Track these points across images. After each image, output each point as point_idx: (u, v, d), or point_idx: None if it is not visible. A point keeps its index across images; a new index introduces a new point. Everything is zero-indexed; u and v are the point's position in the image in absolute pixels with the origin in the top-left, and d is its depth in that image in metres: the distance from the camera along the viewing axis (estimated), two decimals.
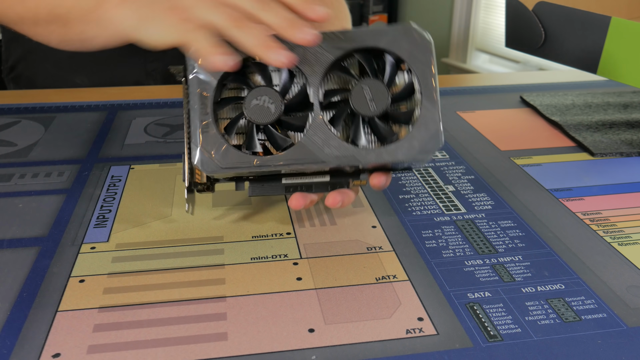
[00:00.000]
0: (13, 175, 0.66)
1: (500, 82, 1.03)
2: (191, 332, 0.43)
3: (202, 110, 0.49)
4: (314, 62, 0.50)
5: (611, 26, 0.69)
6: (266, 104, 0.49)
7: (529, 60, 2.71)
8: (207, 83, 0.49)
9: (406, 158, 0.49)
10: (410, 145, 0.49)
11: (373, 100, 0.49)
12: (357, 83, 0.49)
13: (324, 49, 0.50)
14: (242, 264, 0.51)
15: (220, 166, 0.48)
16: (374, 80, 0.50)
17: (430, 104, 0.49)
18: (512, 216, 0.59)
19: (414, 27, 0.50)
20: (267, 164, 0.49)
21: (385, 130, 0.50)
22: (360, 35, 0.50)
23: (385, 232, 0.56)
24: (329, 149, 0.49)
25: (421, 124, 0.49)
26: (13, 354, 0.41)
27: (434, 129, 0.49)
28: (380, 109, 0.49)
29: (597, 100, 0.90)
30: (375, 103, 0.49)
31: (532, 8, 0.76)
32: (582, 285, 0.49)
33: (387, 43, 0.50)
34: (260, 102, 0.49)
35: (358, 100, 0.49)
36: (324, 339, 0.43)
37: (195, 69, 0.49)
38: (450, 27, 3.02)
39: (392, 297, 0.47)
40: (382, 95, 0.49)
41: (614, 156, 0.73)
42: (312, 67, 0.50)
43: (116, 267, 0.50)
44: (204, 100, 0.49)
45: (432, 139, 0.49)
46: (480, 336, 0.43)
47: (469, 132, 0.80)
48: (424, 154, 0.49)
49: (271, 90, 0.49)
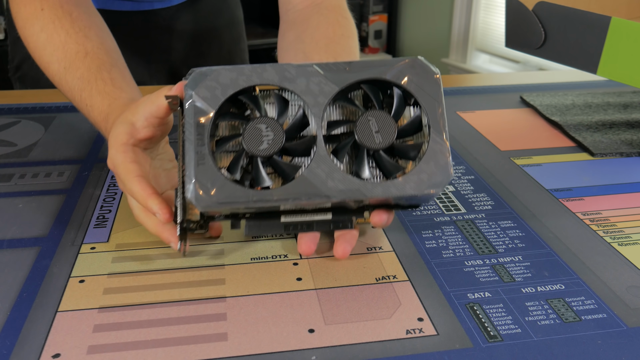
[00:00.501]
0: (13, 175, 0.66)
1: (500, 82, 1.03)
2: (191, 333, 0.43)
3: (198, 141, 0.46)
4: (317, 92, 0.48)
5: (611, 26, 0.69)
6: (266, 134, 0.47)
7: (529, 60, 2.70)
8: (204, 112, 0.47)
9: (415, 192, 0.47)
10: (419, 178, 0.47)
11: (379, 132, 0.47)
12: (363, 114, 0.48)
13: (328, 80, 0.48)
14: (242, 264, 0.51)
15: (216, 201, 0.45)
16: (381, 112, 0.48)
17: (439, 137, 0.48)
18: (512, 216, 0.59)
19: (422, 60, 0.49)
20: (266, 199, 0.46)
21: (391, 164, 0.48)
22: (367, 66, 0.49)
23: (385, 232, 0.56)
24: (332, 183, 0.46)
25: (430, 157, 0.47)
26: (13, 354, 0.41)
27: (443, 162, 0.47)
28: (386, 142, 0.47)
29: (597, 100, 0.90)
30: (382, 135, 0.47)
31: (532, 8, 0.76)
32: (582, 285, 0.49)
33: (394, 75, 0.49)
34: (259, 132, 0.47)
35: (363, 132, 0.47)
36: (324, 340, 0.43)
37: (192, 98, 0.47)
38: (450, 27, 3.02)
39: (392, 298, 0.47)
40: (388, 128, 0.47)
41: (614, 156, 0.73)
42: (316, 98, 0.48)
43: (116, 268, 0.50)
44: (200, 131, 0.46)
45: (442, 173, 0.47)
46: (480, 336, 0.43)
47: (469, 132, 0.80)
48: (433, 187, 0.47)
49: (269, 120, 0.47)
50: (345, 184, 0.47)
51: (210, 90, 0.47)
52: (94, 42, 0.63)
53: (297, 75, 0.48)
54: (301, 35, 0.71)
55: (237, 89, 0.48)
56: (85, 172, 0.67)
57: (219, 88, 0.48)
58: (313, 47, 0.68)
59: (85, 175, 0.66)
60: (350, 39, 0.72)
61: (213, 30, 1.00)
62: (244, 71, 0.48)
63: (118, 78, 0.61)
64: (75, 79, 0.61)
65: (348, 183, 0.47)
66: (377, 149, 0.47)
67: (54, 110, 0.85)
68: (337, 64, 0.49)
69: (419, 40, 3.19)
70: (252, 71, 0.48)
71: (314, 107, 0.48)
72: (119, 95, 0.59)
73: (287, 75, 0.48)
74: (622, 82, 0.71)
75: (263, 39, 2.78)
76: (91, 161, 0.69)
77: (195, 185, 0.45)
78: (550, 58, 0.78)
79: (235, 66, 0.48)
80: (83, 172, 0.67)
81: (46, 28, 0.64)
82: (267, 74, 0.48)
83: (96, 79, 0.60)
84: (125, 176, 0.50)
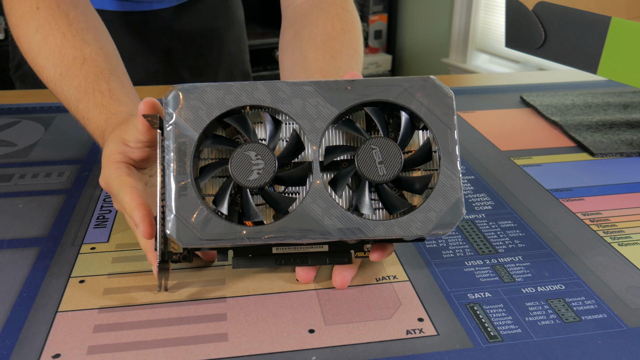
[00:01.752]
0: (13, 175, 0.66)
1: (500, 82, 1.03)
2: (191, 333, 0.43)
3: (179, 168, 0.41)
4: (315, 116, 0.43)
5: (611, 26, 0.69)
6: (256, 162, 0.42)
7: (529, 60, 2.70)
8: (186, 136, 0.42)
9: (421, 232, 0.42)
10: (426, 217, 0.42)
11: (383, 163, 0.42)
12: (366, 142, 0.43)
13: (327, 101, 0.43)
14: None
15: (200, 237, 0.41)
16: (385, 139, 0.43)
17: (450, 169, 0.43)
18: (512, 216, 0.59)
19: (434, 80, 0.44)
20: (257, 236, 0.42)
21: (396, 199, 0.43)
22: (371, 85, 0.44)
23: None
24: (330, 220, 0.42)
25: (439, 194, 0.42)
26: (13, 354, 0.41)
27: (455, 198, 0.42)
28: (391, 174, 0.42)
29: (597, 100, 0.90)
30: (386, 167, 0.42)
31: (532, 8, 0.76)
32: (582, 285, 0.49)
33: (402, 96, 0.43)
34: (249, 160, 0.42)
35: (365, 162, 0.42)
36: (324, 340, 0.43)
37: (173, 119, 0.42)
38: (450, 27, 3.02)
39: (392, 298, 0.47)
40: (394, 158, 0.42)
41: (614, 156, 0.73)
42: (313, 122, 0.43)
43: (116, 268, 0.50)
44: (181, 157, 0.42)
45: (452, 211, 0.42)
46: (480, 337, 0.43)
47: (469, 132, 0.80)
48: (441, 229, 0.42)
49: (259, 146, 0.42)
50: (344, 222, 0.42)
51: (194, 111, 0.43)
52: (92, 47, 0.61)
53: (292, 96, 0.43)
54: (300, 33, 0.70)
55: (224, 110, 0.43)
56: (85, 172, 0.67)
57: (204, 109, 0.43)
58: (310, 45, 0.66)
59: (85, 175, 0.66)
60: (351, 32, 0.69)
61: (213, 30, 1.00)
62: (232, 89, 0.43)
63: (117, 89, 0.58)
64: (71, 88, 0.59)
65: (347, 221, 0.42)
66: (381, 182, 0.43)
67: (54, 110, 0.85)
68: (337, 82, 0.44)
69: (419, 40, 3.19)
70: (242, 89, 0.43)
71: (310, 133, 0.43)
72: (116, 109, 0.56)
73: (281, 95, 0.43)
74: (622, 82, 0.71)
75: (263, 39, 2.78)
76: (91, 161, 0.69)
77: (175, 219, 0.41)
78: (550, 58, 0.78)
79: (223, 83, 0.43)
80: (83, 172, 0.67)
81: (41, 29, 0.62)
82: (258, 93, 0.43)
83: (94, 90, 0.58)
84: (118, 188, 0.47)
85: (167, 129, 0.42)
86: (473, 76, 1.15)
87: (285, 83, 0.44)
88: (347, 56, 0.64)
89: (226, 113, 0.43)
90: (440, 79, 0.45)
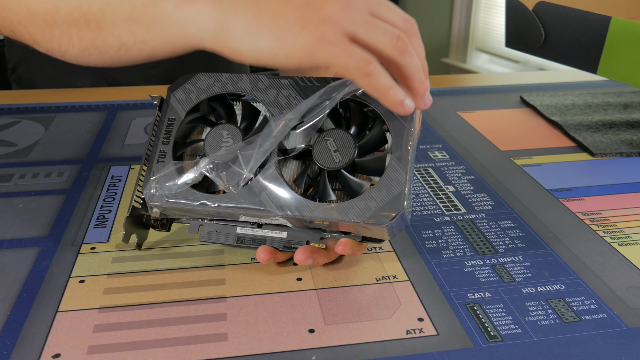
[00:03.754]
0: (13, 175, 0.66)
1: (500, 82, 1.03)
2: (191, 333, 0.43)
3: (164, 139, 0.49)
4: (284, 105, 0.48)
5: (611, 26, 0.69)
6: (226, 140, 0.47)
7: (529, 60, 2.71)
8: (176, 113, 0.49)
9: (358, 219, 0.44)
10: (366, 205, 0.44)
11: (338, 151, 0.46)
12: (320, 134, 0.47)
13: (297, 94, 0.48)
14: (242, 264, 0.51)
15: (166, 197, 0.47)
16: (338, 130, 0.47)
17: (399, 164, 0.45)
18: (512, 216, 0.59)
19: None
20: (208, 202, 0.46)
21: (355, 183, 0.46)
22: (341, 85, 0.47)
23: None
24: (276, 196, 0.46)
25: (383, 185, 0.44)
26: (13, 354, 0.41)
27: (397, 191, 0.44)
28: (345, 160, 0.46)
29: (597, 100, 0.90)
30: (341, 154, 0.46)
31: (532, 8, 0.76)
32: (582, 285, 0.49)
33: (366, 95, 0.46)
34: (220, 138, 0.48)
35: (321, 152, 0.46)
36: (324, 340, 0.43)
37: (170, 99, 0.50)
38: (450, 27, 3.02)
39: (392, 298, 0.47)
40: (347, 146, 0.46)
41: (614, 156, 0.73)
42: (281, 111, 0.48)
43: (116, 268, 0.50)
44: (168, 129, 0.49)
45: (392, 203, 0.43)
46: (480, 336, 0.43)
47: (469, 132, 0.80)
48: (378, 219, 0.43)
49: (231, 127, 0.48)
50: (287, 201, 0.45)
51: (187, 94, 0.50)
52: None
53: (269, 87, 0.49)
54: None
55: (211, 95, 0.50)
56: (85, 172, 0.67)
57: (195, 92, 0.50)
58: None
59: (85, 175, 0.66)
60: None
61: None
62: (221, 79, 0.50)
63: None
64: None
65: (291, 200, 0.45)
66: (337, 168, 0.46)
67: (54, 110, 0.85)
68: (311, 79, 0.48)
69: None
70: (229, 79, 0.50)
71: (277, 120, 0.47)
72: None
73: (260, 86, 0.49)
74: (622, 82, 0.71)
75: None
76: (91, 161, 0.69)
77: (151, 180, 0.47)
78: (550, 58, 0.78)
79: (215, 74, 0.50)
80: (83, 172, 0.67)
81: None
82: (241, 83, 0.50)
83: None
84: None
85: (164, 106, 0.50)
86: (473, 76, 1.15)
87: (266, 77, 0.49)
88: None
89: (212, 97, 0.50)
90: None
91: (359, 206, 0.44)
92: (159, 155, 0.48)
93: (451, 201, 0.62)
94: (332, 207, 0.45)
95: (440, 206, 0.61)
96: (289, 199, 0.45)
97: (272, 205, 0.46)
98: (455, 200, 0.62)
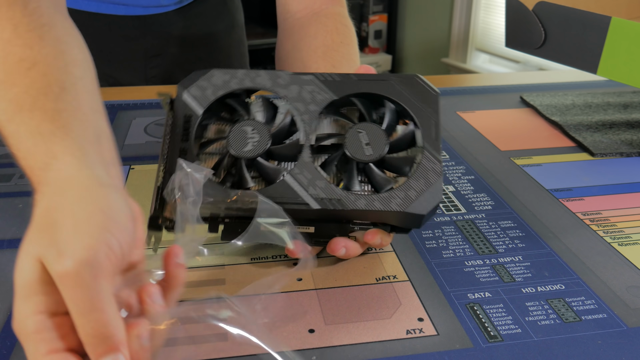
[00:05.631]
0: (13, 175, 0.66)
1: (500, 82, 1.03)
2: (191, 332, 0.43)
3: (183, 137, 0.46)
4: (309, 100, 0.47)
5: (611, 26, 0.69)
6: (252, 136, 0.46)
7: (529, 60, 2.70)
8: (192, 110, 0.47)
9: (400, 209, 0.44)
10: (406, 195, 0.45)
11: (370, 144, 0.46)
12: (353, 126, 0.47)
13: (322, 90, 0.47)
14: (242, 264, 0.51)
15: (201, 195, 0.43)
16: (371, 125, 0.47)
17: (433, 155, 0.46)
18: (512, 216, 0.59)
19: (420, 78, 0.48)
20: (244, 199, 0.44)
21: (381, 177, 0.46)
22: (364, 79, 0.48)
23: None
24: (314, 190, 0.45)
25: (421, 175, 0.45)
26: (13, 354, 0.41)
27: (435, 181, 0.45)
28: (377, 154, 0.46)
29: (597, 100, 0.90)
30: (372, 148, 0.46)
31: (532, 8, 0.76)
32: (582, 285, 0.49)
33: (391, 91, 0.47)
34: (245, 134, 0.46)
35: (353, 144, 0.46)
36: (324, 340, 0.43)
37: (183, 95, 0.48)
38: (450, 27, 3.02)
39: (392, 298, 0.47)
40: (379, 140, 0.46)
41: (614, 156, 0.73)
42: (307, 106, 0.47)
43: None
44: (187, 127, 0.46)
45: (432, 193, 0.45)
46: (480, 336, 0.43)
47: (469, 132, 0.80)
48: (420, 207, 0.44)
49: (255, 122, 0.47)
50: (327, 192, 0.45)
51: (202, 90, 0.48)
52: (49, 48, 0.45)
53: (290, 82, 0.48)
54: (298, 44, 0.70)
55: (228, 91, 0.48)
56: None
57: (211, 88, 0.48)
58: (311, 56, 0.67)
59: None
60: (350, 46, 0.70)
61: (212, 34, 0.98)
62: (237, 74, 0.49)
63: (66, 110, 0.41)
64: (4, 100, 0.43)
65: (330, 192, 0.45)
66: (367, 161, 0.46)
67: None
68: (332, 75, 0.48)
69: (419, 40, 3.19)
70: (246, 75, 0.49)
71: (304, 114, 0.47)
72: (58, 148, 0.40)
73: (280, 82, 0.48)
74: (622, 82, 0.71)
75: (263, 39, 2.78)
76: None
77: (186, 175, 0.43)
78: (550, 58, 0.78)
79: (230, 70, 0.49)
80: None
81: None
82: (260, 79, 0.49)
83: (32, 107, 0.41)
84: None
85: (176, 102, 0.48)
86: (473, 76, 1.15)
87: (285, 72, 0.49)
88: (347, 67, 0.64)
89: (229, 94, 0.48)
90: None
91: (400, 196, 0.45)
92: (181, 154, 0.46)
93: (451, 201, 0.62)
94: (373, 197, 0.45)
95: (440, 206, 0.61)
96: (328, 191, 0.45)
97: (312, 198, 0.44)
98: (455, 200, 0.62)
